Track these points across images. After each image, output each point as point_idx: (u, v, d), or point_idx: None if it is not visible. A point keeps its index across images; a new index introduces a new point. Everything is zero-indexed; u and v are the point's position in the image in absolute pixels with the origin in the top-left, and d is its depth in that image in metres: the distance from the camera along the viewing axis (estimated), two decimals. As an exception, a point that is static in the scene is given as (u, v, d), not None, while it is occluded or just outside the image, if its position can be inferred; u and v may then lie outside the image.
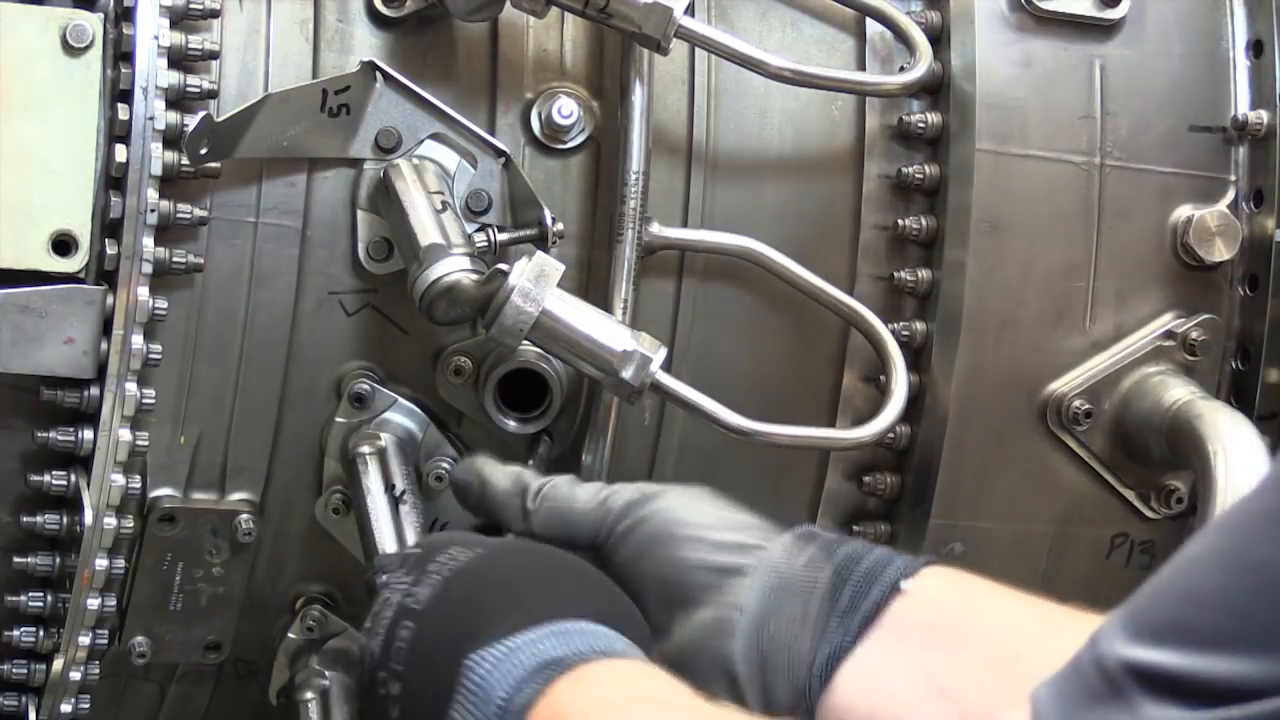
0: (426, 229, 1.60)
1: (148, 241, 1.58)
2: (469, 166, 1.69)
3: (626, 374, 1.58)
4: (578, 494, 1.46)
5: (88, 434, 1.62)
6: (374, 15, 1.70)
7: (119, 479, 1.61)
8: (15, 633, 1.71)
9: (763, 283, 1.75)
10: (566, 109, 1.71)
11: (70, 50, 1.58)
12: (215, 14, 1.63)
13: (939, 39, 1.77)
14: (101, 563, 1.63)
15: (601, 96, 1.73)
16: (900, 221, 1.77)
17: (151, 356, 1.61)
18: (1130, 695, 0.85)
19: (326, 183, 1.69)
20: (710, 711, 1.17)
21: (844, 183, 1.78)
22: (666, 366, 1.61)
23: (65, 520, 1.67)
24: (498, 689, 1.21)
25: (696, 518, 1.41)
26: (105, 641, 1.70)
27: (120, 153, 1.57)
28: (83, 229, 1.59)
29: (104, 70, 1.59)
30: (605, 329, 1.58)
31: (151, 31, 1.57)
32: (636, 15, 1.62)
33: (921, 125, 1.77)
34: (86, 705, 1.71)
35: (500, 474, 1.51)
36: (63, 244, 1.59)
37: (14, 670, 1.72)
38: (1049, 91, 1.77)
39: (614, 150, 1.69)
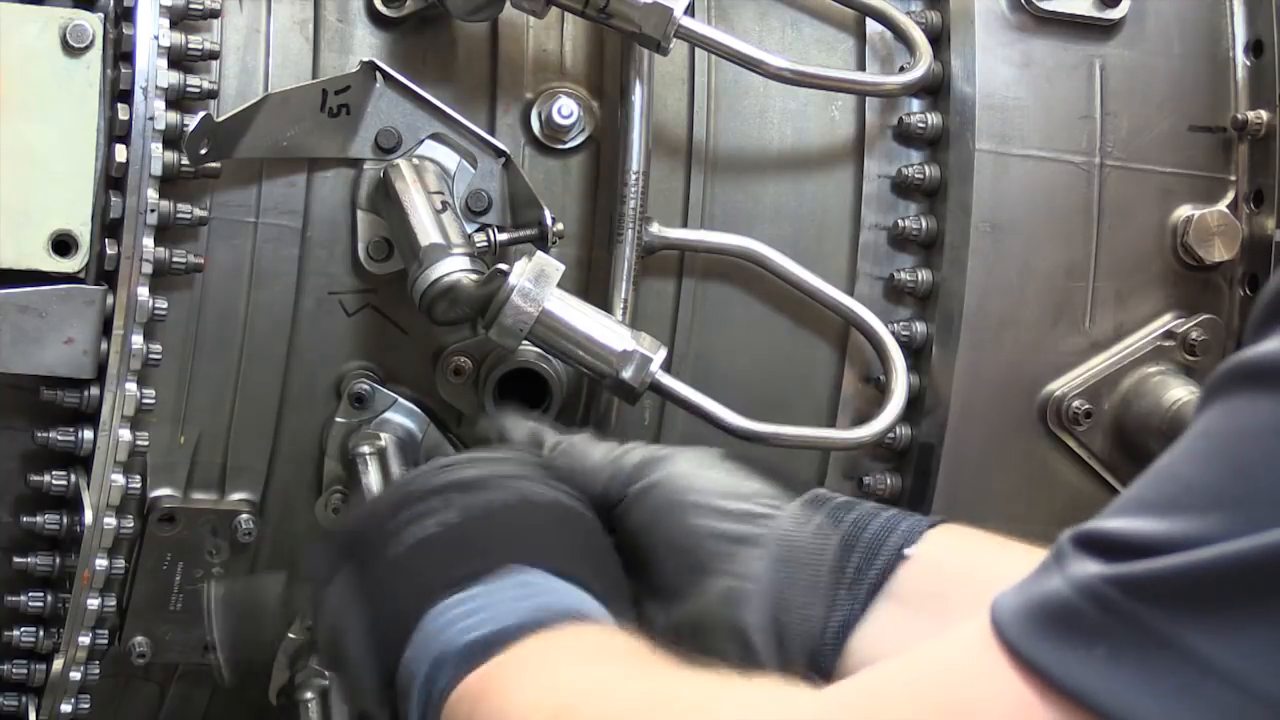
0: (426, 229, 1.60)
1: (148, 241, 1.58)
2: (469, 166, 1.69)
3: (626, 374, 1.58)
4: (591, 452, 1.47)
5: (88, 434, 1.62)
6: (374, 15, 1.70)
7: (119, 479, 1.61)
8: (15, 633, 1.71)
9: (763, 283, 1.75)
10: (566, 109, 1.71)
11: (70, 50, 1.58)
12: (215, 14, 1.63)
13: (939, 39, 1.77)
14: (101, 563, 1.63)
15: (601, 96, 1.73)
16: (900, 221, 1.77)
17: (151, 356, 1.61)
18: (1065, 557, 0.87)
19: (326, 183, 1.69)
20: (656, 670, 1.17)
21: (844, 183, 1.78)
22: (666, 366, 1.61)
23: (65, 520, 1.67)
24: (424, 662, 1.22)
25: (707, 485, 1.41)
26: (105, 641, 1.70)
27: (120, 153, 1.57)
28: (83, 229, 1.59)
29: (104, 70, 1.59)
30: (605, 329, 1.58)
31: (151, 31, 1.57)
32: (636, 15, 1.62)
33: (921, 125, 1.77)
34: (86, 705, 1.71)
35: (520, 428, 1.54)
36: (63, 244, 1.59)
37: (14, 670, 1.72)
38: (1049, 91, 1.77)
39: (614, 150, 1.69)
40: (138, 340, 1.59)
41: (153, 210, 1.57)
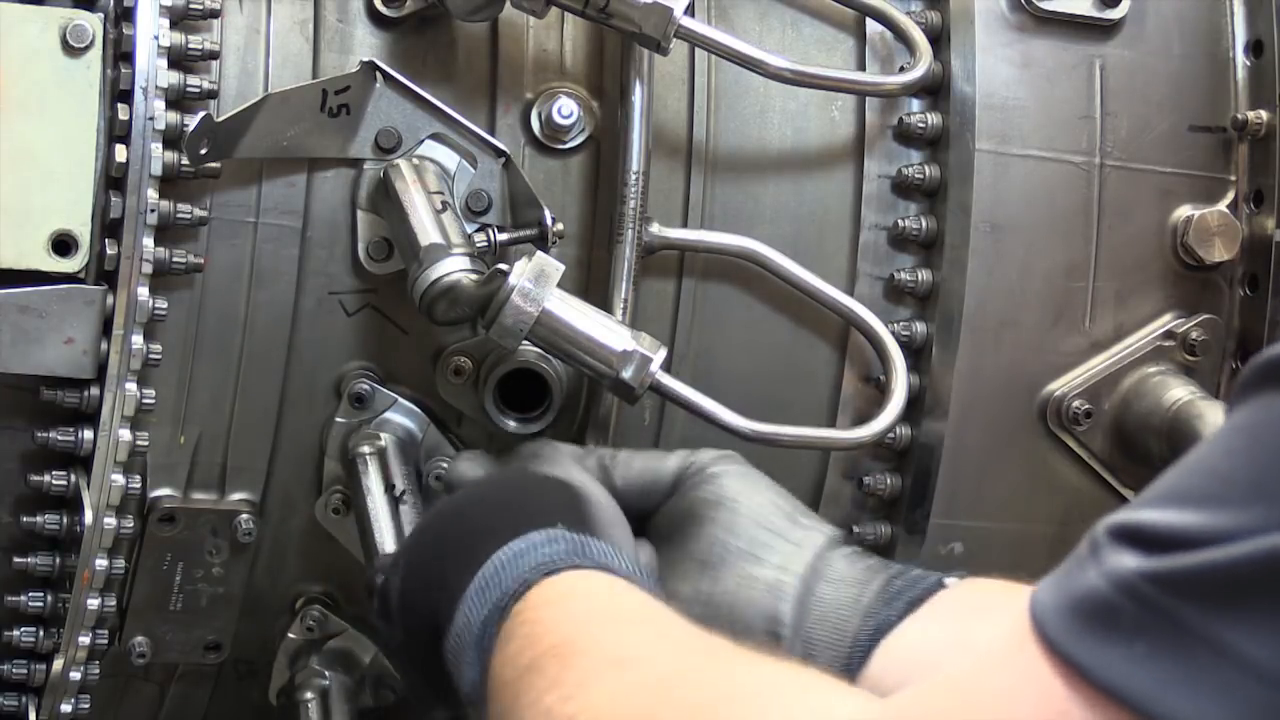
0: (426, 229, 1.60)
1: (148, 241, 1.58)
2: (469, 166, 1.69)
3: (626, 374, 1.58)
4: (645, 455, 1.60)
5: (88, 434, 1.62)
6: (374, 15, 1.70)
7: (119, 479, 1.61)
8: (15, 633, 1.71)
9: (763, 283, 1.75)
10: (566, 109, 1.71)
11: (70, 50, 1.58)
12: (215, 14, 1.63)
13: (939, 39, 1.77)
14: (101, 563, 1.63)
15: (601, 96, 1.73)
16: (900, 221, 1.77)
17: (151, 356, 1.61)
18: (1101, 550, 0.87)
19: (326, 183, 1.69)
20: (674, 623, 1.21)
21: (844, 183, 1.78)
22: (666, 366, 1.61)
23: (65, 520, 1.67)
24: (474, 617, 1.27)
25: (776, 491, 1.53)
26: (105, 641, 1.70)
27: (120, 153, 1.57)
28: (83, 229, 1.59)
29: (104, 70, 1.59)
30: (605, 329, 1.58)
31: (151, 31, 1.57)
32: (636, 15, 1.62)
33: (921, 125, 1.77)
34: (86, 705, 1.71)
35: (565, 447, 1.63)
36: (63, 244, 1.59)
37: (14, 670, 1.72)
38: (1049, 91, 1.77)
39: (614, 150, 1.69)
40: (138, 340, 1.59)
41: (153, 210, 1.57)
